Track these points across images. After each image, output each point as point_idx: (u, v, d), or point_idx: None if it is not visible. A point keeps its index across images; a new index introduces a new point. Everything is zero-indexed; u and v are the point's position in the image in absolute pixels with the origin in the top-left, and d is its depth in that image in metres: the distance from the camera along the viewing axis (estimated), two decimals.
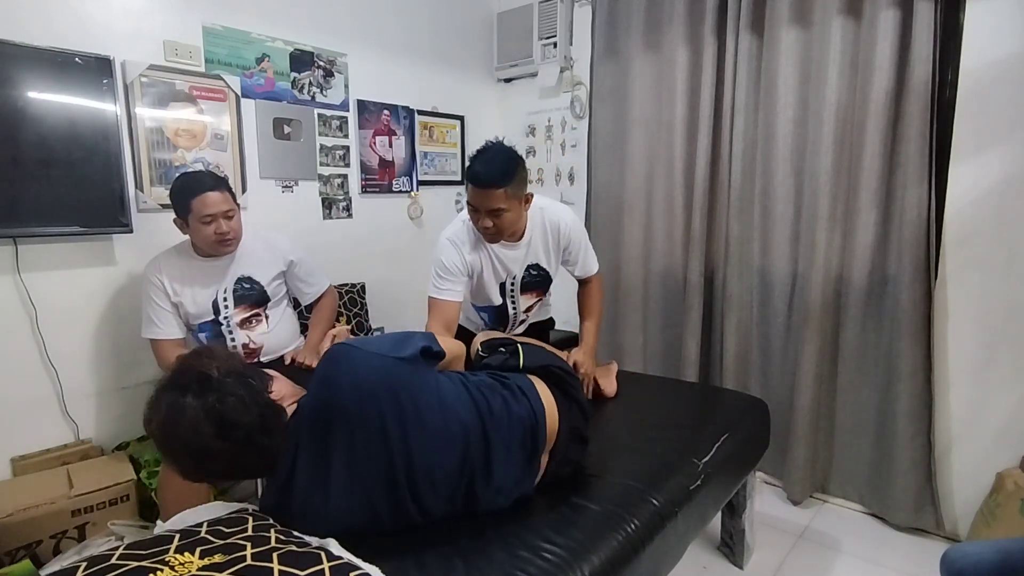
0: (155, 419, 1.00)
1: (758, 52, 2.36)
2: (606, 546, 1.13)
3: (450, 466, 1.13)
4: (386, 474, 1.07)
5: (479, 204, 1.63)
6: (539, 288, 1.94)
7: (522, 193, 1.67)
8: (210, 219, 1.77)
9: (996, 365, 1.97)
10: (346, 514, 1.08)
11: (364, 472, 1.07)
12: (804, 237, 2.26)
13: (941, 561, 1.21)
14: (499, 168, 1.59)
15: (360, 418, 1.07)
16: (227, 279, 1.90)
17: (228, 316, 1.89)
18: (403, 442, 1.08)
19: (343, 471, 1.06)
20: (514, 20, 3.13)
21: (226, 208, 1.79)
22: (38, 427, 1.90)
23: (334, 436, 1.06)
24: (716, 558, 1.98)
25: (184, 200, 1.76)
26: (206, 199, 1.75)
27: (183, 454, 1.01)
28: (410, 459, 1.08)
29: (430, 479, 1.11)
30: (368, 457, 1.07)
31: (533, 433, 1.24)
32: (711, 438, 1.59)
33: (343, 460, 1.06)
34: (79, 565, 0.86)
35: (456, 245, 1.77)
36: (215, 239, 1.79)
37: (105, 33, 1.93)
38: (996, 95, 1.89)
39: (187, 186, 1.78)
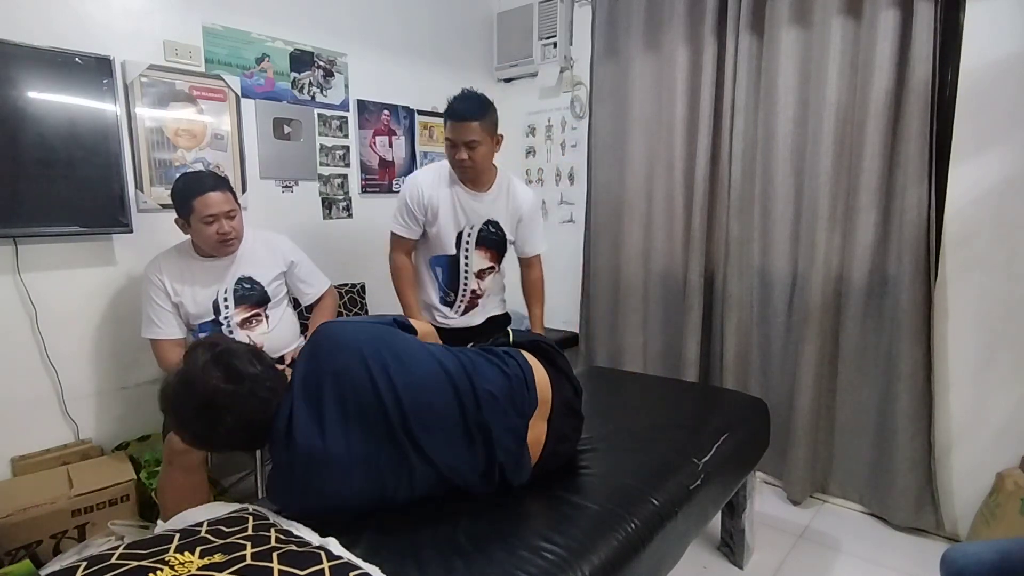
0: (172, 380, 1.09)
1: (758, 52, 2.36)
2: (606, 546, 1.13)
3: (442, 410, 1.16)
4: (380, 417, 1.11)
5: (457, 137, 1.83)
6: (493, 248, 2.06)
7: (494, 132, 1.89)
8: (212, 219, 1.76)
9: (996, 365, 1.97)
10: (347, 464, 1.09)
11: (358, 418, 1.10)
12: (804, 237, 2.26)
13: (941, 561, 1.21)
14: (475, 104, 1.84)
15: (347, 372, 1.12)
16: (228, 279, 1.89)
17: (228, 316, 1.89)
18: (390, 386, 1.12)
19: (338, 421, 1.09)
20: (514, 20, 3.14)
21: (228, 208, 1.79)
22: (38, 427, 1.90)
23: (325, 392, 1.11)
24: (716, 558, 1.98)
25: (186, 200, 1.76)
26: (208, 199, 1.75)
27: (192, 409, 1.07)
28: (399, 401, 1.12)
29: (423, 422, 1.13)
30: (359, 403, 1.11)
31: (525, 388, 1.26)
32: (711, 438, 1.59)
33: (337, 412, 1.09)
34: (79, 565, 0.87)
35: (418, 184, 1.97)
36: (217, 239, 1.79)
37: (105, 33, 1.93)
38: (996, 95, 1.89)
39: (189, 186, 1.77)
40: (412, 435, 1.12)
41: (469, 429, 1.18)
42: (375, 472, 1.11)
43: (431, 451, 1.14)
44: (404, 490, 1.15)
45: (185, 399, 1.08)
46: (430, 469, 1.15)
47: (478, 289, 2.09)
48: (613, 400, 1.90)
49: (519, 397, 1.26)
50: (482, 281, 2.08)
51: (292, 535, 1.02)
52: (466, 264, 2.03)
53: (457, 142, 1.84)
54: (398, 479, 1.13)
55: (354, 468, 1.09)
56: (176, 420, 1.11)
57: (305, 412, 1.09)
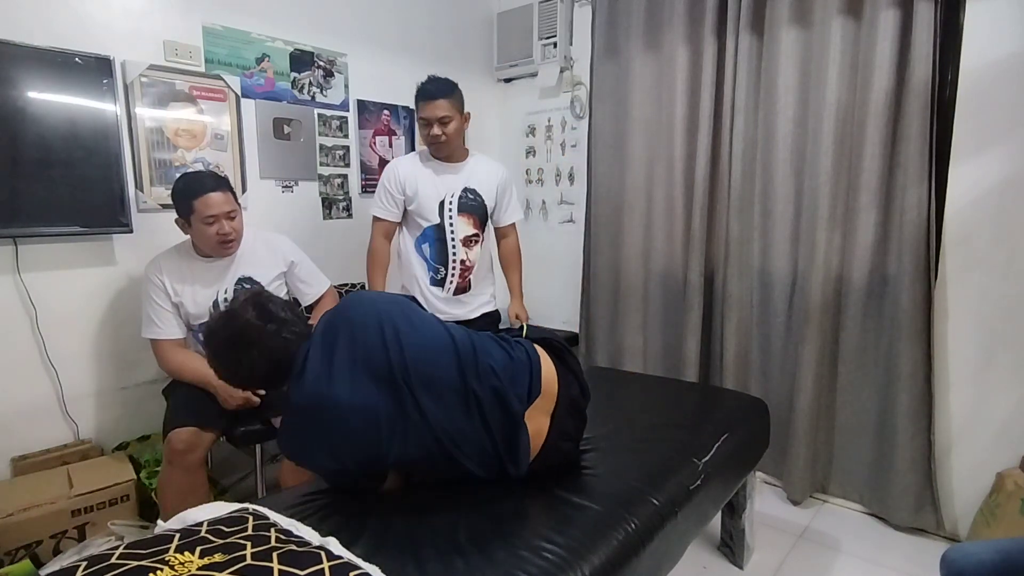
0: (216, 314, 1.26)
1: (758, 52, 2.36)
2: (606, 546, 1.13)
3: (443, 373, 1.21)
4: (384, 367, 1.17)
5: (430, 115, 2.02)
6: (474, 213, 2.16)
7: (462, 109, 2.08)
8: (212, 220, 1.77)
9: (996, 365, 1.97)
10: (348, 407, 1.13)
11: (364, 366, 1.17)
12: (804, 237, 2.26)
13: (941, 561, 1.21)
14: (443, 84, 2.04)
15: (361, 325, 1.21)
16: (228, 279, 1.90)
17: None
18: (396, 342, 1.19)
19: (347, 367, 1.16)
20: (514, 20, 3.14)
21: (228, 209, 1.80)
22: (38, 427, 1.90)
23: (339, 341, 1.19)
24: (716, 558, 1.98)
25: (186, 200, 1.76)
26: (209, 200, 1.75)
27: (225, 339, 1.21)
28: (403, 356, 1.18)
29: (423, 379, 1.18)
30: (367, 354, 1.18)
31: (528, 374, 1.29)
32: (711, 438, 1.59)
33: (347, 360, 1.17)
34: (79, 565, 0.86)
35: (394, 166, 2.15)
36: (217, 240, 1.80)
37: (105, 33, 1.93)
38: (996, 95, 1.89)
39: (189, 186, 1.78)
40: (411, 388, 1.17)
41: (467, 397, 1.22)
42: (373, 421, 1.14)
43: (427, 408, 1.17)
44: (398, 445, 1.16)
45: (221, 330, 1.22)
46: (425, 427, 1.17)
47: (467, 259, 2.16)
48: (613, 400, 1.90)
49: (520, 379, 1.28)
50: (469, 251, 2.17)
51: (292, 535, 1.01)
52: (452, 231, 2.13)
53: (431, 119, 2.02)
54: (392, 431, 1.15)
55: (355, 413, 1.14)
56: (211, 351, 1.24)
57: (319, 357, 1.17)
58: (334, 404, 1.13)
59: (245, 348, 1.19)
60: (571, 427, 1.37)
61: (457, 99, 2.06)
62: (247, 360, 1.20)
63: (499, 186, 2.24)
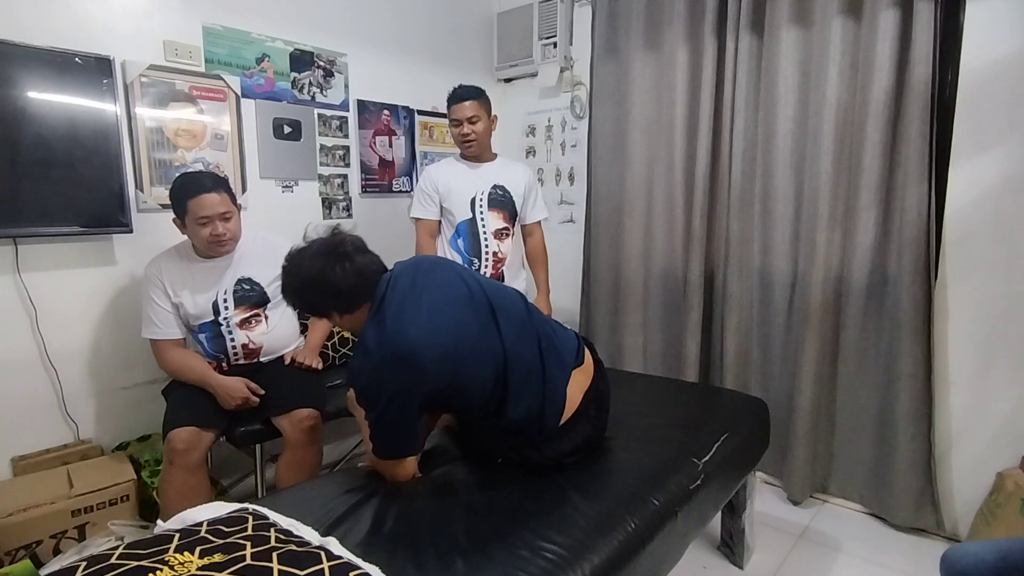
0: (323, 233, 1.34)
1: (758, 52, 2.36)
2: (606, 546, 1.13)
3: (513, 309, 1.38)
4: (465, 294, 1.33)
5: (461, 115, 2.19)
6: (503, 208, 2.30)
7: (490, 111, 2.26)
8: (206, 221, 1.76)
9: (996, 365, 1.97)
10: (426, 342, 1.22)
11: (444, 295, 1.31)
12: (804, 237, 2.26)
13: (941, 561, 1.21)
14: (471, 88, 2.22)
15: (432, 264, 1.41)
16: (227, 280, 1.89)
17: (228, 317, 1.88)
18: (472, 275, 1.40)
19: (424, 300, 1.27)
20: (514, 20, 3.13)
21: (223, 210, 1.78)
22: (38, 427, 1.91)
23: (416, 279, 1.32)
24: (716, 558, 1.98)
25: (181, 201, 1.76)
26: (202, 200, 1.74)
27: (328, 250, 1.30)
28: (480, 286, 1.37)
29: (501, 308, 1.35)
30: (445, 284, 1.34)
31: (577, 342, 1.47)
32: (711, 438, 1.59)
33: (425, 295, 1.29)
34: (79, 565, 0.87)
35: (429, 171, 2.32)
36: (211, 240, 1.79)
37: (105, 33, 1.93)
38: (995, 95, 1.89)
39: (184, 187, 1.77)
40: (493, 308, 1.33)
41: (531, 331, 1.38)
42: (452, 346, 1.24)
43: (504, 330, 1.32)
44: (471, 367, 1.27)
45: (324, 245, 1.32)
46: (499, 348, 1.30)
47: (499, 251, 2.29)
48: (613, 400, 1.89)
49: (569, 344, 1.45)
50: (501, 243, 2.30)
51: (292, 535, 1.02)
52: (483, 224, 2.26)
53: (461, 119, 2.20)
54: (473, 350, 1.27)
55: (430, 349, 1.22)
56: (301, 261, 1.31)
57: (395, 300, 1.27)
58: (410, 345, 1.20)
59: (339, 259, 1.28)
60: (596, 411, 1.45)
61: (484, 102, 2.24)
62: (339, 271, 1.27)
63: (526, 185, 2.38)
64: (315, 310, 1.37)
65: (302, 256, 1.32)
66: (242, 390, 1.79)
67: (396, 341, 1.21)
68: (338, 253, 1.29)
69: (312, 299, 1.32)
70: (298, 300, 1.34)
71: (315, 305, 1.34)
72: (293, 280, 1.31)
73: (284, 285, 1.33)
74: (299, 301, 1.34)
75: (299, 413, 1.81)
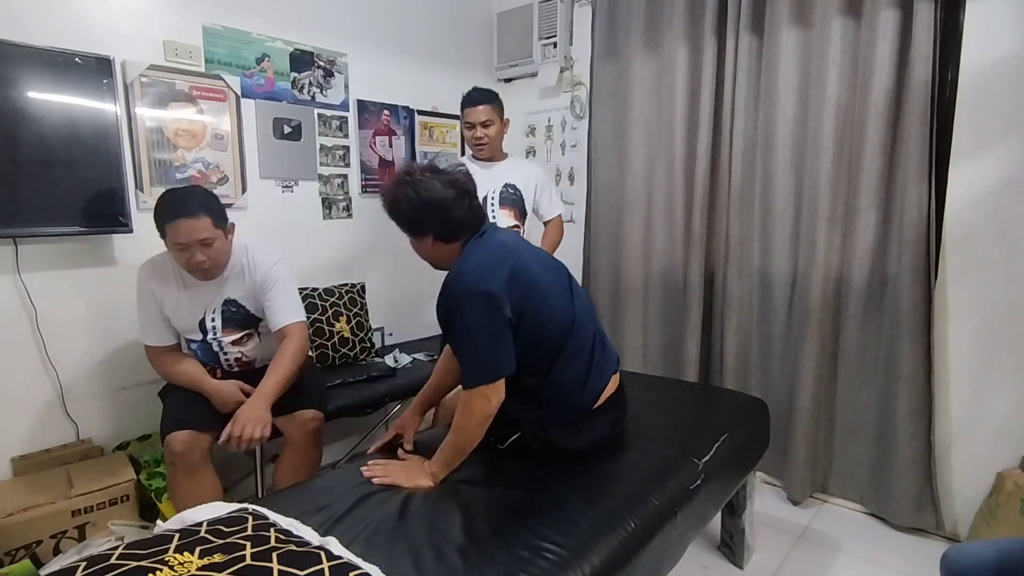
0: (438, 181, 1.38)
1: (758, 52, 2.36)
2: (606, 546, 1.13)
3: (585, 300, 1.55)
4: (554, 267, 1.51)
5: (474, 119, 2.25)
6: (514, 207, 2.35)
7: (502, 114, 2.32)
8: (183, 247, 1.62)
9: (996, 365, 1.97)
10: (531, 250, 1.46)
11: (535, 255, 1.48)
12: (804, 237, 2.26)
13: (941, 561, 1.21)
14: (485, 92, 2.29)
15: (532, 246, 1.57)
16: (216, 301, 1.79)
17: (217, 336, 1.82)
18: (561, 263, 1.57)
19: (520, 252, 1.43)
20: (514, 20, 3.13)
21: (203, 236, 1.62)
22: (38, 427, 1.90)
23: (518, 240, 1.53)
24: (716, 558, 1.98)
25: (159, 223, 1.64)
26: (178, 227, 1.60)
27: (455, 191, 1.37)
28: (566, 271, 1.55)
29: (579, 293, 1.53)
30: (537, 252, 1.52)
31: (615, 360, 1.59)
32: (711, 438, 1.59)
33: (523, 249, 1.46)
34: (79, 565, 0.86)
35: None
36: (189, 268, 1.67)
37: (105, 33, 1.93)
38: (996, 95, 1.89)
39: (164, 208, 1.63)
40: (571, 286, 1.51)
41: (591, 319, 1.53)
42: (542, 268, 1.43)
43: (577, 293, 1.51)
44: (549, 300, 1.39)
45: (453, 177, 1.38)
46: (570, 311, 1.44)
47: None
48: None
49: (610, 348, 1.58)
50: None
51: (292, 535, 1.02)
52: (495, 221, 2.28)
53: (474, 123, 2.25)
54: (559, 292, 1.44)
55: (534, 258, 1.42)
56: (438, 183, 1.36)
57: (505, 235, 1.47)
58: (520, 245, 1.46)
59: (464, 194, 1.39)
60: (615, 414, 1.54)
61: (498, 106, 2.29)
62: (462, 204, 1.37)
63: (537, 183, 2.43)
64: (416, 228, 1.41)
65: (430, 178, 1.36)
66: (236, 395, 1.75)
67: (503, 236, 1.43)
68: (464, 189, 1.39)
69: (422, 217, 1.38)
70: (408, 213, 1.38)
71: (421, 223, 1.39)
72: (414, 197, 1.35)
73: (399, 195, 1.37)
74: (408, 214, 1.39)
75: (303, 414, 1.79)
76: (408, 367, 2.52)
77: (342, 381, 2.25)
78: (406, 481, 1.34)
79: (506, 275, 1.33)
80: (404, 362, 2.55)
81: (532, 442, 1.45)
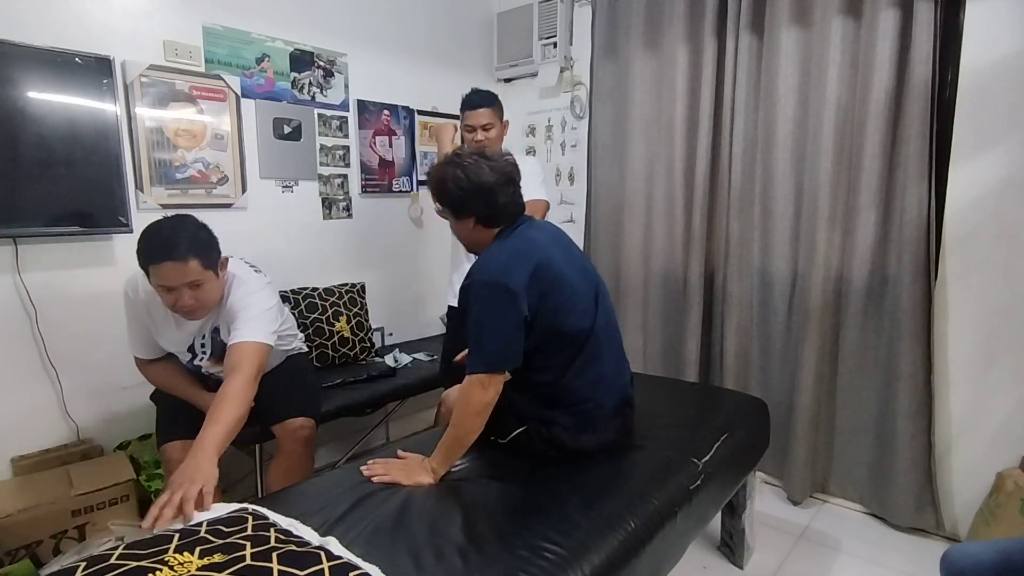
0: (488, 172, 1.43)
1: (758, 52, 2.36)
2: (606, 546, 1.13)
3: (609, 311, 1.55)
4: (582, 270, 1.51)
5: (475, 123, 2.17)
6: None
7: (502, 117, 2.26)
8: (168, 289, 1.47)
9: (996, 365, 1.97)
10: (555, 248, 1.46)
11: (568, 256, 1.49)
12: (804, 237, 2.26)
13: (941, 561, 1.21)
14: (486, 95, 2.21)
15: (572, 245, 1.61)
16: (205, 327, 1.70)
17: (205, 362, 1.76)
18: (593, 270, 1.59)
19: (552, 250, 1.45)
20: (514, 20, 3.13)
21: (191, 279, 1.46)
22: (38, 427, 1.90)
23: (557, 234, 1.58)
24: (716, 558, 1.98)
25: (143, 262, 1.46)
26: (163, 269, 1.43)
27: (502, 178, 1.44)
28: (596, 278, 1.56)
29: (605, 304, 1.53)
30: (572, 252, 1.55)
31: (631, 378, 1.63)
32: (711, 438, 1.59)
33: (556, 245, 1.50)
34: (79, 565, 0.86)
35: None
36: (174, 309, 1.51)
37: (105, 33, 1.93)
38: (996, 95, 1.89)
39: (148, 248, 1.44)
40: (597, 293, 1.51)
41: (615, 331, 1.57)
42: (571, 269, 1.44)
43: (599, 312, 1.49)
44: (572, 300, 1.41)
45: (503, 168, 1.45)
46: (592, 309, 1.46)
47: None
48: None
49: (627, 363, 1.62)
50: None
51: (292, 535, 1.02)
52: None
53: (475, 126, 2.19)
54: (584, 293, 1.45)
55: (553, 248, 1.44)
56: (490, 170, 1.42)
57: (542, 231, 1.51)
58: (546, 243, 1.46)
59: (512, 184, 1.46)
60: (623, 422, 1.56)
61: (498, 108, 2.24)
62: (508, 192, 1.44)
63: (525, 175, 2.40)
64: (460, 208, 1.46)
65: (479, 162, 1.43)
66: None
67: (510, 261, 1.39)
68: (509, 177, 1.46)
69: (470, 199, 1.43)
70: (455, 193, 1.43)
71: (466, 203, 1.44)
72: (462, 179, 1.41)
73: (447, 175, 1.42)
74: (455, 194, 1.43)
75: (293, 422, 1.77)
76: (408, 367, 2.52)
77: (342, 381, 2.25)
78: (406, 479, 1.34)
79: (528, 271, 1.35)
80: (404, 362, 2.56)
81: (535, 438, 1.46)
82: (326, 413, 1.93)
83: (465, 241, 1.54)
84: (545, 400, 1.45)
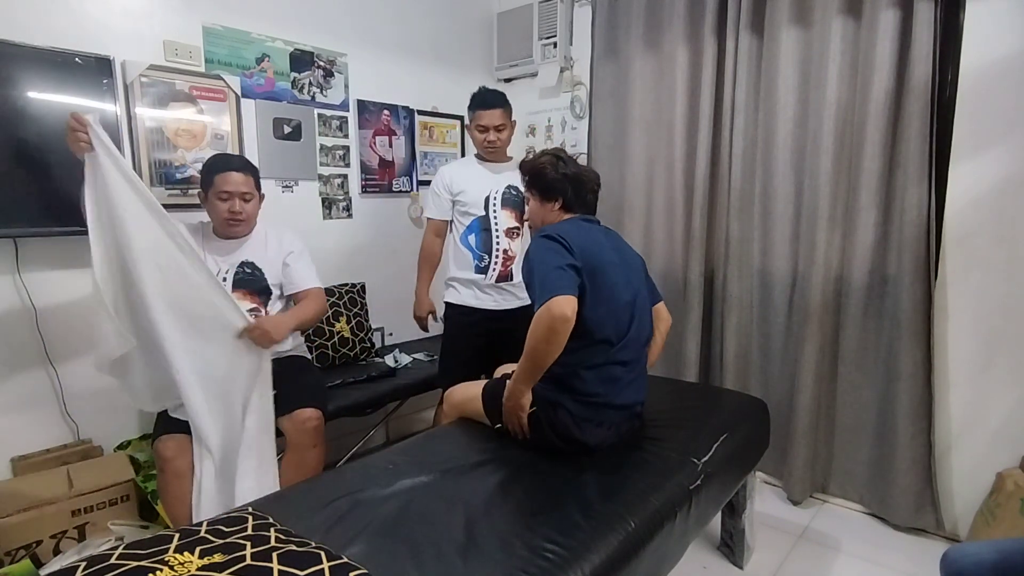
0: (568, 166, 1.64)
1: (758, 52, 2.36)
2: (606, 546, 1.13)
3: (644, 326, 1.63)
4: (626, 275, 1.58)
5: (488, 122, 2.19)
6: (516, 208, 2.29)
7: (511, 116, 2.27)
8: (227, 196, 1.85)
9: (996, 365, 1.97)
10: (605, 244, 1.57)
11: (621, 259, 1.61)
12: (804, 237, 2.26)
13: (941, 561, 1.21)
14: (498, 95, 2.23)
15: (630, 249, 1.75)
16: (232, 260, 1.92)
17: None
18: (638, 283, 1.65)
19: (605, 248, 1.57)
20: (514, 20, 3.13)
21: (245, 190, 1.87)
22: (38, 427, 1.90)
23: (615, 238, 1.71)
24: (716, 558, 1.98)
25: (209, 174, 1.85)
26: (228, 177, 1.84)
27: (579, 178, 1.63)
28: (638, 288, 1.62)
29: (641, 316, 1.60)
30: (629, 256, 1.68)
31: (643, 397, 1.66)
32: (711, 438, 1.59)
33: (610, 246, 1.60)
34: (79, 565, 0.87)
35: (441, 172, 2.32)
36: (227, 216, 1.86)
37: (105, 33, 1.93)
38: (996, 95, 1.89)
39: (215, 162, 1.88)
40: (635, 302, 1.58)
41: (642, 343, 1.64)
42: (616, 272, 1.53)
43: (633, 323, 1.56)
44: (612, 297, 1.49)
45: (590, 174, 1.68)
46: (629, 310, 1.54)
47: (509, 249, 2.27)
48: None
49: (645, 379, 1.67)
50: (512, 241, 2.28)
51: (292, 535, 1.02)
52: (496, 222, 2.25)
53: (488, 126, 2.20)
54: (623, 291, 1.54)
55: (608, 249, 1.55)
56: (586, 167, 1.69)
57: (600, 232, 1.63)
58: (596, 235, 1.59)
59: (596, 187, 1.68)
60: (628, 427, 1.62)
61: (509, 109, 2.26)
62: (577, 188, 1.62)
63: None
64: (550, 191, 1.63)
65: (579, 162, 1.70)
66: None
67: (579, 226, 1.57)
68: (597, 183, 1.70)
69: (562, 185, 1.61)
70: (551, 177, 1.61)
71: (556, 189, 1.62)
72: (563, 167, 1.62)
73: (546, 163, 1.62)
74: (551, 178, 1.61)
75: (301, 414, 1.80)
76: (408, 367, 2.52)
77: (342, 381, 2.25)
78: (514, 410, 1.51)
79: (581, 245, 1.47)
80: (404, 362, 2.56)
81: (543, 423, 1.48)
82: (326, 413, 1.92)
83: (542, 220, 1.67)
84: (556, 382, 1.49)
